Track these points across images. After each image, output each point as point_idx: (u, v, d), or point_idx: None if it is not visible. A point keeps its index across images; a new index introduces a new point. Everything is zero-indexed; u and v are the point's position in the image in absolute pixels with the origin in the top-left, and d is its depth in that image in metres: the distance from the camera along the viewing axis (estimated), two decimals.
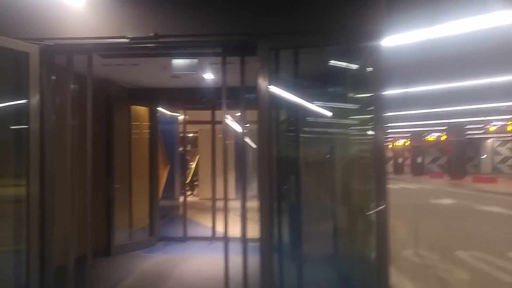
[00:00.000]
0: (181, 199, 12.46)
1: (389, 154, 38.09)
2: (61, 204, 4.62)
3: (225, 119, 4.85)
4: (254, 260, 4.11)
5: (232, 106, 4.73)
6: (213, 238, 7.74)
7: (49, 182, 4.39)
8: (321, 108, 5.24)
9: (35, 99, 3.97)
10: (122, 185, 7.01)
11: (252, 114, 4.41)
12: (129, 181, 7.28)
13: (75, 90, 4.63)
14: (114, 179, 6.50)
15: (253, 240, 4.40)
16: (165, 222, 9.77)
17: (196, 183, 17.43)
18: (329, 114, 5.27)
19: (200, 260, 6.32)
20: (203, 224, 9.53)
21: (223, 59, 4.53)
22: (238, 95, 4.54)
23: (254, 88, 3.95)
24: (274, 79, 3.98)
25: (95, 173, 6.90)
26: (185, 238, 7.70)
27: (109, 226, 6.39)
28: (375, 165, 3.20)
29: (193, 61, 5.25)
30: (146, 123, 7.62)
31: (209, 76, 6.33)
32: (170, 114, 11.23)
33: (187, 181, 19.17)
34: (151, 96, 7.55)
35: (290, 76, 4.52)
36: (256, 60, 3.95)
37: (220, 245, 7.37)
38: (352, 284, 4.72)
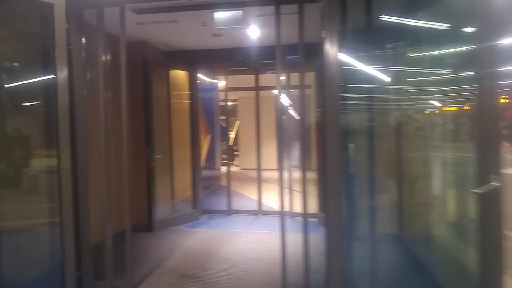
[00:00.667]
0: (223, 169, 12.11)
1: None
2: (98, 178, 4.19)
3: (278, 84, 4.17)
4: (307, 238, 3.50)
5: (275, 68, 4.08)
6: (259, 211, 7.22)
7: (82, 153, 3.94)
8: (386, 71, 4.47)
9: (61, 59, 3.42)
10: (163, 156, 6.56)
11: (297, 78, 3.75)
12: (170, 151, 6.83)
13: (107, 51, 4.09)
14: (154, 150, 6.03)
15: (301, 215, 3.83)
16: (208, 194, 9.38)
17: (236, 153, 17.04)
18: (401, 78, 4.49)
19: (248, 236, 5.82)
20: (247, 196, 9.05)
21: (277, 8, 3.84)
22: (283, 54, 3.90)
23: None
24: (341, 34, 3.25)
25: (135, 143, 6.57)
26: (229, 211, 7.24)
27: (150, 199, 5.98)
28: (483, 128, 2.47)
29: (238, 13, 4.56)
30: (186, 90, 7.07)
31: (254, 32, 5.62)
32: (210, 81, 10.69)
33: (227, 151, 18.92)
34: (190, 58, 6.96)
35: (361, 30, 3.79)
36: (316, 8, 3.25)
37: (267, 219, 6.99)
38: (429, 269, 4.05)
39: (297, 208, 7.13)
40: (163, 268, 4.62)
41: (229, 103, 19.31)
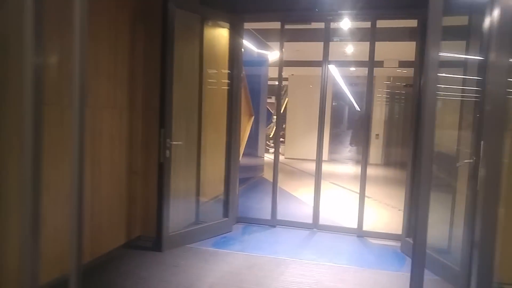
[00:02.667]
0: (267, 158, 10.20)
1: None
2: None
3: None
4: None
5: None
6: (315, 225, 5.23)
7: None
8: None
9: None
10: (187, 141, 4.73)
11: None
12: (198, 135, 5.00)
13: None
14: (172, 133, 4.17)
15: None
16: (246, 189, 7.50)
17: (281, 139, 15.09)
18: None
19: (302, 270, 3.87)
20: (296, 197, 7.08)
21: None
22: None
23: None
24: None
25: (146, 122, 4.78)
26: (274, 222, 5.29)
27: (161, 202, 4.14)
28: None
29: None
30: (225, 55, 5.13)
31: None
32: (258, 52, 8.72)
33: (271, 136, 16.94)
34: (234, 5, 5.02)
35: None
36: None
37: (327, 238, 4.87)
38: None
39: (372, 223, 5.47)
40: None
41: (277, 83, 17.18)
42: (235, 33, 5.02)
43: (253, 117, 8.38)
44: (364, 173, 5.09)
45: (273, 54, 9.40)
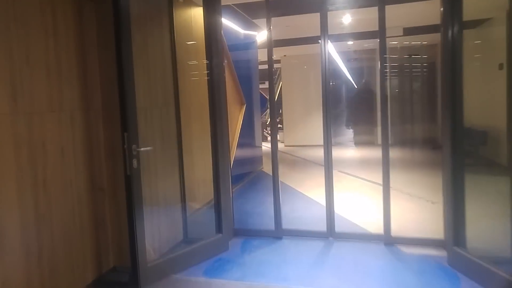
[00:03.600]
0: (265, 147, 9.26)
1: None
2: None
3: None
4: None
5: None
6: (331, 233, 4.32)
7: None
8: None
9: None
10: (164, 143, 3.84)
11: None
12: (178, 134, 4.10)
13: None
14: (139, 137, 3.24)
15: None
16: (243, 188, 6.61)
17: (279, 125, 14.17)
18: None
19: None
20: (302, 193, 6.19)
21: None
22: None
23: None
24: None
25: (108, 127, 3.55)
26: (279, 232, 4.40)
27: (132, 229, 3.22)
28: None
29: None
30: (202, 38, 4.18)
31: None
32: (245, 33, 7.75)
33: (268, 124, 16.03)
34: None
35: None
36: None
37: (348, 251, 3.88)
38: None
39: (400, 223, 4.40)
40: None
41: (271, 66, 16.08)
42: (211, 10, 4.06)
43: (245, 105, 7.45)
44: (387, 161, 4.15)
45: (261, 35, 8.44)
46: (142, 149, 3.21)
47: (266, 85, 18.74)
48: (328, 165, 4.36)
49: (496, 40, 7.26)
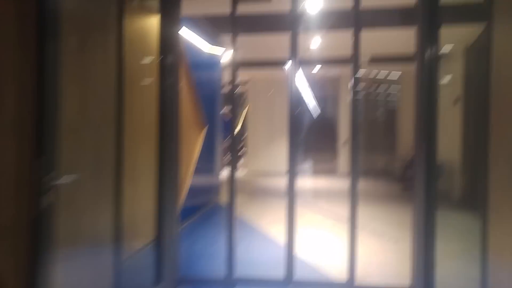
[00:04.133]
0: (225, 174, 8.59)
1: None
2: None
3: None
4: None
5: None
6: (289, 279, 3.68)
7: None
8: None
9: None
10: (97, 170, 3.13)
11: None
12: (117, 158, 3.40)
13: None
14: (61, 163, 2.53)
15: None
16: (196, 223, 5.91)
17: (242, 150, 13.59)
18: None
19: None
20: (260, 232, 5.56)
21: None
22: None
23: None
24: None
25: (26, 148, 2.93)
26: (230, 281, 3.70)
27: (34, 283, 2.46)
28: None
29: None
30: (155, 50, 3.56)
31: None
32: (210, 52, 7.18)
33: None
34: None
35: None
36: None
37: None
38: None
39: (365, 266, 3.94)
40: None
41: (237, 88, 15.51)
42: (168, 18, 3.46)
43: (205, 128, 6.81)
44: (354, 199, 3.64)
45: (228, 54, 7.92)
46: (62, 179, 2.48)
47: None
48: (291, 201, 3.76)
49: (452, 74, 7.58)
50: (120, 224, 3.40)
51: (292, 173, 3.79)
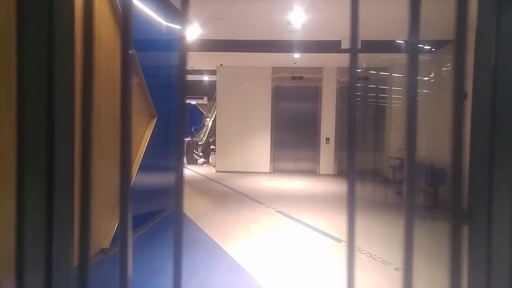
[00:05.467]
0: (192, 171, 7.21)
1: None
2: None
3: None
4: None
5: None
6: None
7: None
8: None
9: None
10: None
11: None
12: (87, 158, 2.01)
13: None
14: None
15: None
16: (143, 239, 4.57)
17: (212, 147, 12.24)
18: None
19: None
20: (221, 248, 4.25)
21: None
22: None
23: None
24: None
25: None
26: None
27: None
28: None
29: None
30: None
31: None
32: (167, 25, 5.78)
33: (200, 143, 14.06)
34: None
35: None
36: None
37: None
38: None
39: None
40: None
41: (205, 78, 14.25)
42: None
43: (155, 119, 5.44)
44: (352, 210, 2.36)
45: (192, 31, 6.56)
46: None
47: (204, 100, 16.52)
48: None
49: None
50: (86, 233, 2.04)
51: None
